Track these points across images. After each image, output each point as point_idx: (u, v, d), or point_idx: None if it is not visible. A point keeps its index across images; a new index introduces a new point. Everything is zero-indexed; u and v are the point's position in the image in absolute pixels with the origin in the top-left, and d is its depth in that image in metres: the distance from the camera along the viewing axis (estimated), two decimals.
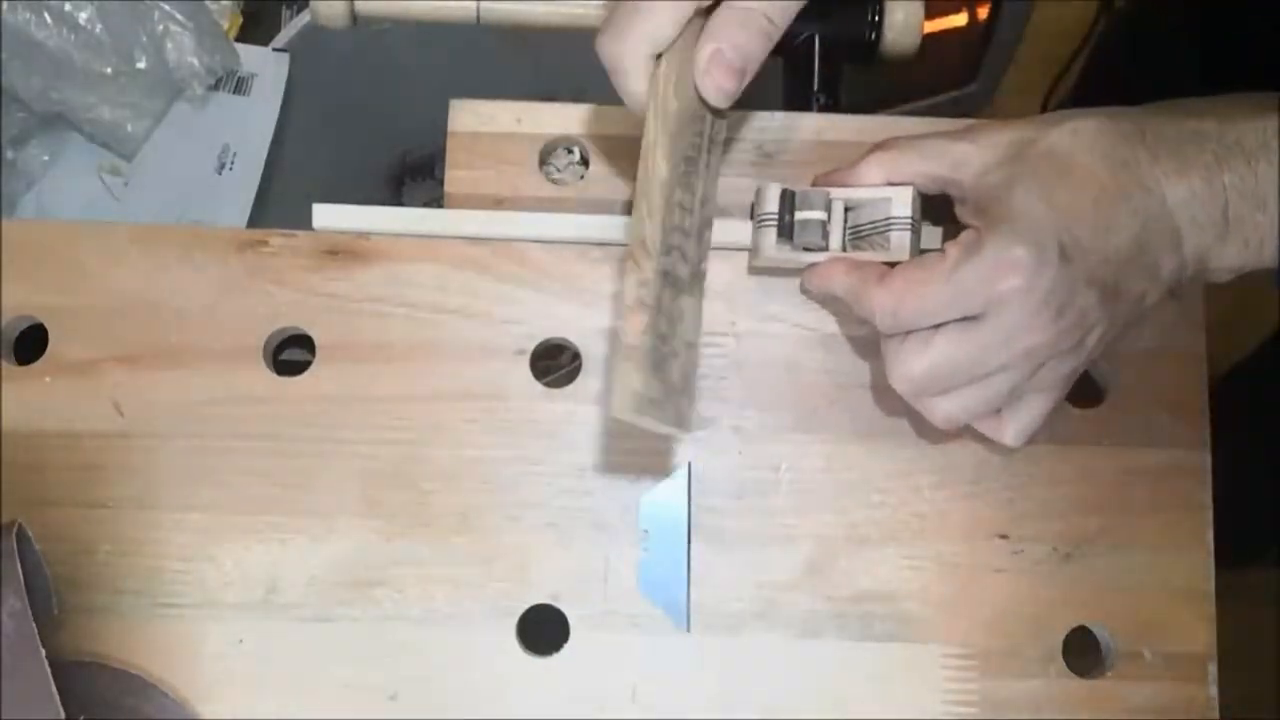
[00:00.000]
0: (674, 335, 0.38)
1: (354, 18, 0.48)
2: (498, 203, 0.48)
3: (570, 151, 0.49)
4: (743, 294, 0.47)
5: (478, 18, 0.47)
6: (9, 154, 0.79)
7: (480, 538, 0.46)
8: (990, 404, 0.41)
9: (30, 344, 0.47)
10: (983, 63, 1.15)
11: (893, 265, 0.42)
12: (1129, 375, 0.47)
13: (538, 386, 0.47)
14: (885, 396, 0.47)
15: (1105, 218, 0.38)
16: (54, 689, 0.40)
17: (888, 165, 0.43)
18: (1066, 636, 0.45)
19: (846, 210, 0.44)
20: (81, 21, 0.73)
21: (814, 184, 0.46)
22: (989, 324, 0.39)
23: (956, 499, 0.46)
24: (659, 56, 0.39)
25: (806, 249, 0.44)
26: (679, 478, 0.46)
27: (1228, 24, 0.67)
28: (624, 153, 0.49)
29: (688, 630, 0.45)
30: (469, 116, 0.49)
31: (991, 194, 0.40)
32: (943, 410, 0.41)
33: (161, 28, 0.76)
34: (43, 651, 0.40)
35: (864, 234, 0.43)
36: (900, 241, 0.42)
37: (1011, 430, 0.43)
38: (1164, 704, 0.45)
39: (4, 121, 0.77)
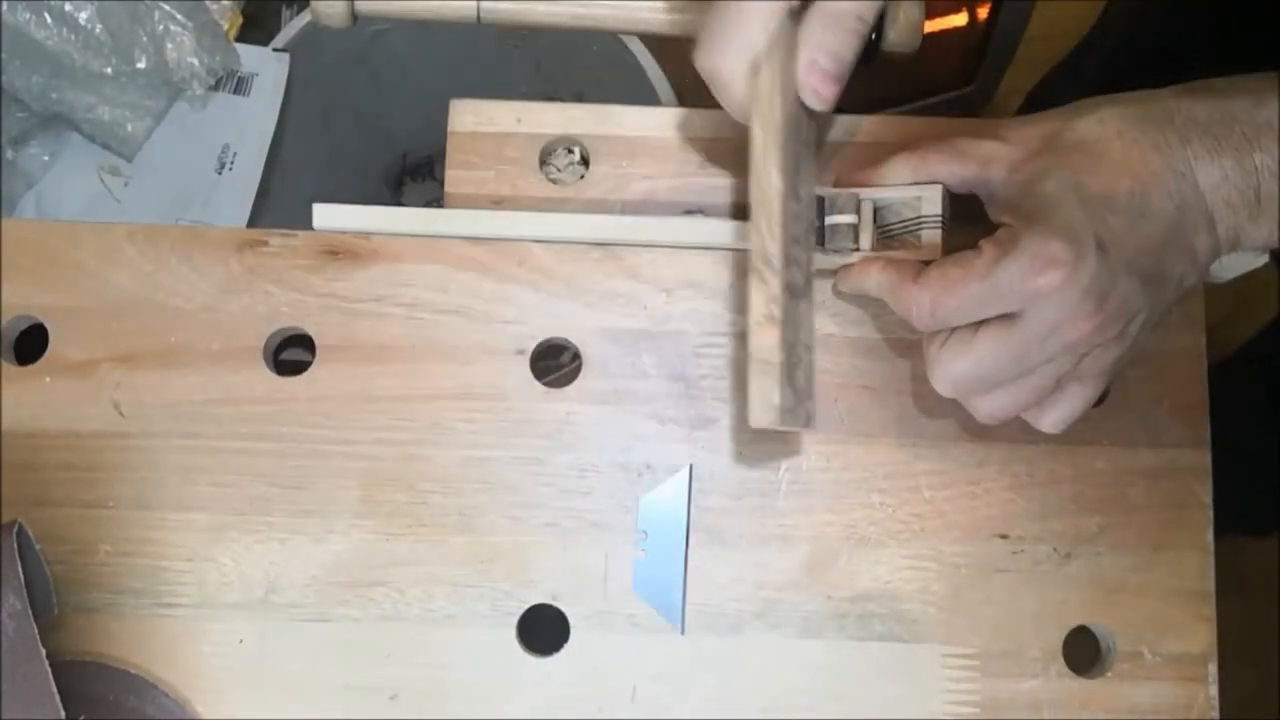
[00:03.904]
0: (797, 342, 0.40)
1: (354, 18, 0.48)
2: (498, 203, 0.48)
3: (570, 151, 0.49)
4: (743, 294, 0.47)
5: (478, 18, 0.47)
6: (9, 154, 0.79)
7: (480, 538, 0.46)
8: (1035, 397, 0.41)
9: (30, 344, 0.47)
10: (983, 63, 1.15)
11: (927, 263, 0.42)
12: (1129, 375, 0.47)
13: (538, 386, 0.47)
14: (885, 396, 0.47)
15: (1139, 205, 0.38)
16: (54, 689, 0.40)
17: (915, 165, 0.43)
18: (1066, 636, 0.46)
19: (876, 210, 0.44)
20: (81, 21, 0.73)
21: (836, 183, 0.46)
22: (1031, 320, 0.38)
23: (956, 499, 0.46)
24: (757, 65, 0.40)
25: (837, 252, 0.44)
26: (680, 479, 0.46)
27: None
28: (624, 153, 0.49)
29: (682, 632, 0.45)
30: (469, 116, 0.49)
31: (1023, 190, 0.39)
32: (986, 408, 0.41)
33: (161, 28, 0.76)
34: (43, 651, 0.40)
35: (894, 233, 0.43)
36: (932, 239, 0.42)
37: (1051, 418, 0.42)
38: (1164, 704, 0.45)
39: (4, 121, 0.77)
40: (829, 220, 0.44)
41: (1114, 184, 0.38)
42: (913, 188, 0.43)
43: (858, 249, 0.44)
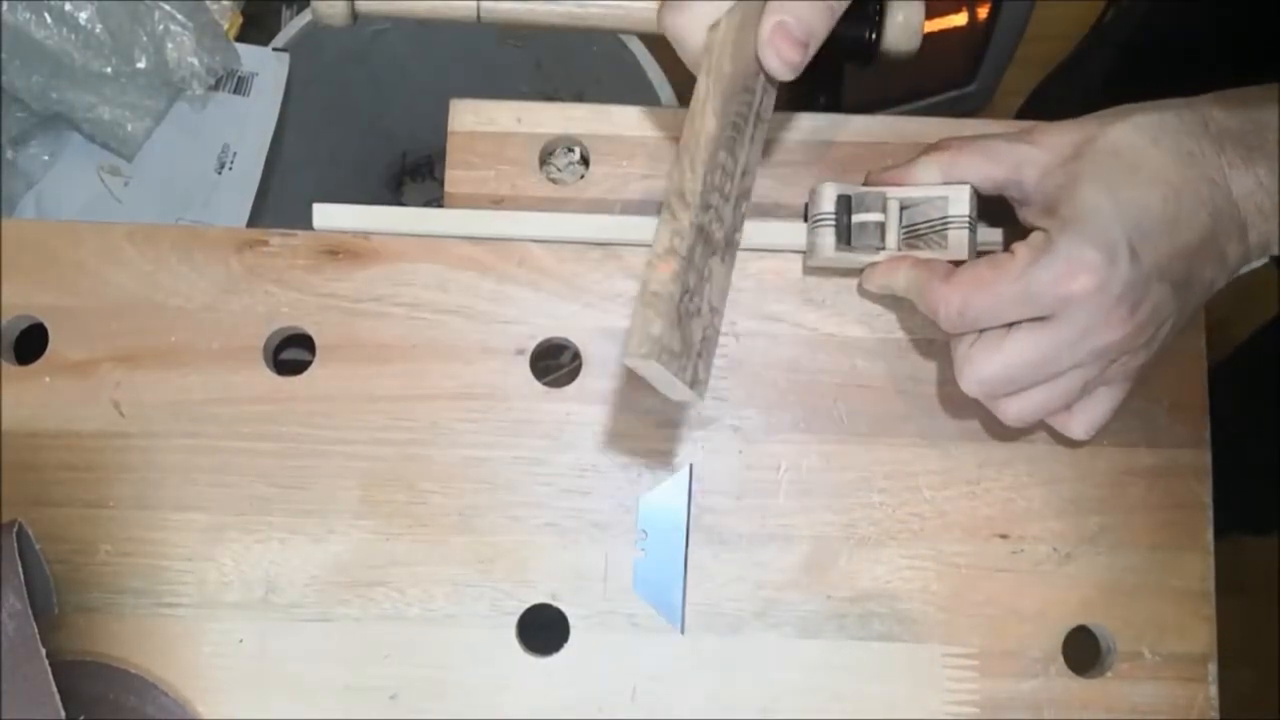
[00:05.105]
0: (700, 294, 0.37)
1: (354, 17, 0.48)
2: (497, 203, 0.48)
3: (570, 151, 0.49)
4: (743, 294, 0.47)
5: (478, 18, 0.47)
6: (9, 154, 0.79)
7: (480, 538, 0.46)
8: (1062, 401, 0.41)
9: (30, 344, 0.47)
10: (983, 63, 1.15)
11: (955, 264, 0.42)
12: None
13: (538, 386, 0.47)
14: (885, 396, 0.47)
15: (1173, 212, 0.38)
16: (54, 689, 0.40)
17: (945, 165, 0.43)
18: (1066, 636, 0.46)
19: (902, 209, 0.44)
20: (81, 21, 0.73)
21: (866, 182, 0.46)
22: (1062, 324, 0.38)
23: (956, 499, 0.46)
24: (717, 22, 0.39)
25: (862, 250, 0.44)
26: (680, 479, 0.46)
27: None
28: (624, 153, 0.49)
29: (681, 631, 0.45)
30: (469, 116, 0.49)
31: (1057, 194, 0.39)
32: (1015, 410, 0.41)
33: (161, 28, 0.76)
34: (43, 651, 0.40)
35: (920, 233, 0.43)
36: (958, 240, 0.42)
37: (1081, 424, 0.42)
38: (1164, 704, 0.45)
39: (4, 121, 0.77)
40: (855, 218, 0.44)
41: (1149, 191, 0.38)
42: (940, 188, 0.43)
43: (883, 248, 0.44)
